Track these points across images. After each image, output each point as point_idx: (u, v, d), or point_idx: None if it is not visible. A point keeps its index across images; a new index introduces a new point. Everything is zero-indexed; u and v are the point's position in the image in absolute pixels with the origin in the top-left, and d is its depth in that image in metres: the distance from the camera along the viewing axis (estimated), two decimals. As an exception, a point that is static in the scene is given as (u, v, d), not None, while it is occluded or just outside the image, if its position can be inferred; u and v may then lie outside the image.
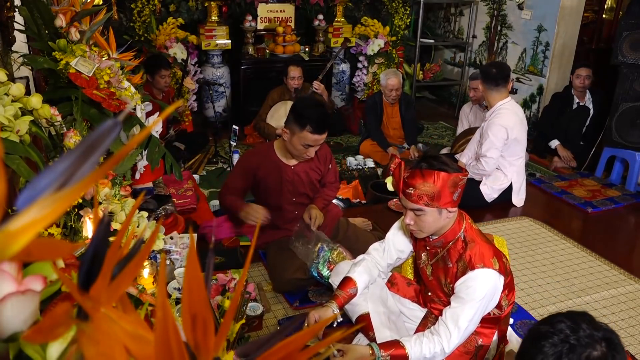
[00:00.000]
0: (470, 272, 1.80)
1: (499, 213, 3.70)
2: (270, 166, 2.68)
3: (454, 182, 1.78)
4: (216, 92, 5.16)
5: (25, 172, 1.16)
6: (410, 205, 1.82)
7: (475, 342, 1.93)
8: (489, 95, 3.60)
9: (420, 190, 1.78)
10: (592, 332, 1.12)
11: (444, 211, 1.82)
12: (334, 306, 2.00)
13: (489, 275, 1.79)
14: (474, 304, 1.77)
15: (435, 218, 1.83)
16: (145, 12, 4.82)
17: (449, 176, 1.76)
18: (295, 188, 2.73)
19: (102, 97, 1.70)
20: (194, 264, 0.39)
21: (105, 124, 0.37)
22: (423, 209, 1.80)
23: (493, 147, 3.55)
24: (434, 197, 1.77)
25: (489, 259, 1.80)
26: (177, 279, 2.32)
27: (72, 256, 0.82)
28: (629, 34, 3.93)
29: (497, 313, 1.91)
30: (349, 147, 5.06)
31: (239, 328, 1.51)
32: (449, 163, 1.82)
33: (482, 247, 1.84)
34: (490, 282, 1.79)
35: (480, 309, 1.80)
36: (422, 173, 1.78)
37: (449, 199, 1.79)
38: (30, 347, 0.51)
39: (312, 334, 0.41)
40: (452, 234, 1.89)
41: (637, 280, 2.92)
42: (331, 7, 5.66)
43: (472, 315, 1.78)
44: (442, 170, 1.77)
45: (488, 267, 1.79)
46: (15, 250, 0.33)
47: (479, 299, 1.77)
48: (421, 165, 1.80)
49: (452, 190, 1.78)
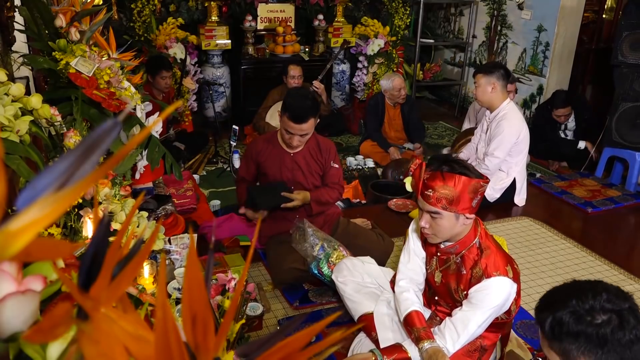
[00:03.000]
0: (486, 280, 1.78)
1: (500, 213, 3.70)
2: (272, 152, 2.77)
3: (475, 188, 1.74)
4: (216, 92, 5.16)
5: (25, 172, 1.16)
6: (428, 208, 1.79)
7: (479, 344, 1.93)
8: (498, 94, 3.57)
9: (439, 193, 1.74)
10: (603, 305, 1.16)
11: (461, 217, 1.78)
12: (433, 343, 1.85)
13: (504, 283, 1.78)
14: (486, 310, 1.78)
15: (452, 223, 1.79)
16: (145, 12, 4.82)
17: (470, 181, 1.73)
18: (294, 176, 2.77)
19: (102, 97, 1.70)
20: (194, 264, 0.39)
21: (105, 124, 0.37)
22: (440, 212, 1.77)
23: (501, 147, 3.55)
24: (452, 201, 1.74)
25: (504, 267, 1.79)
26: (177, 279, 2.32)
27: (72, 256, 0.82)
28: (629, 34, 3.93)
29: (504, 318, 1.90)
30: (349, 147, 5.06)
31: (239, 328, 1.51)
32: (471, 168, 1.79)
33: (497, 255, 1.82)
34: (505, 290, 1.78)
35: (492, 315, 1.80)
36: (443, 176, 1.74)
37: (468, 205, 1.75)
38: (30, 347, 0.51)
39: (312, 334, 0.41)
40: (467, 241, 1.86)
41: (637, 280, 2.92)
42: (331, 7, 5.66)
43: (483, 321, 1.78)
44: (464, 174, 1.73)
45: (504, 275, 1.78)
46: (15, 250, 0.33)
47: (493, 306, 1.77)
48: (442, 168, 1.76)
49: (472, 197, 1.75)
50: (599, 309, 1.15)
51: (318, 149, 2.78)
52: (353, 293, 2.22)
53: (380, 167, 4.42)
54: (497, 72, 3.55)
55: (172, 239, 2.59)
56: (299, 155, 2.77)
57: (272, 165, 2.76)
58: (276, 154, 2.76)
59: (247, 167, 2.84)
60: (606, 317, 1.14)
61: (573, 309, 1.16)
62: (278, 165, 2.75)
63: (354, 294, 2.22)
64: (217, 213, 3.45)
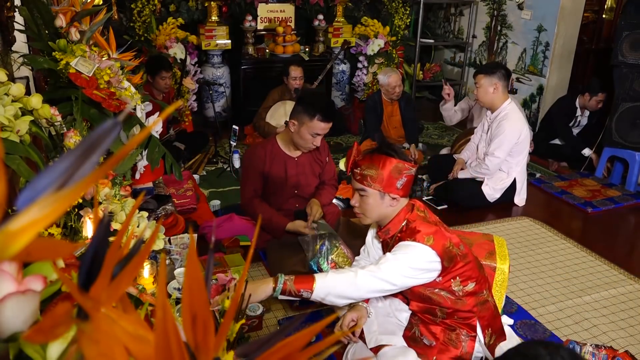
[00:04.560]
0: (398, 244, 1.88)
1: (500, 213, 3.70)
2: (275, 159, 2.74)
3: (398, 169, 1.86)
4: (216, 92, 5.16)
5: (25, 172, 1.16)
6: (356, 185, 1.93)
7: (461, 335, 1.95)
8: (500, 95, 3.57)
9: (365, 171, 1.89)
10: None
11: (387, 197, 1.89)
12: (364, 304, 2.01)
13: (414, 245, 1.83)
14: (396, 261, 1.82)
15: (378, 202, 1.90)
16: (145, 12, 4.82)
17: (394, 161, 1.86)
18: (299, 180, 2.78)
19: (102, 97, 1.70)
20: (194, 264, 0.39)
21: (105, 124, 0.37)
22: (366, 190, 1.90)
23: (502, 147, 3.56)
24: (376, 179, 1.87)
25: (422, 237, 1.84)
26: (177, 279, 2.32)
27: (72, 256, 0.82)
28: (628, 34, 3.93)
29: (452, 297, 1.91)
30: (349, 147, 5.05)
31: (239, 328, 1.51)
32: (399, 152, 1.91)
33: (420, 232, 1.86)
34: (416, 250, 1.82)
35: (402, 268, 1.81)
36: (371, 156, 1.89)
37: (392, 184, 1.87)
38: (30, 347, 0.51)
39: (312, 334, 0.41)
40: (396, 224, 1.94)
41: (637, 280, 2.92)
42: (331, 7, 5.66)
43: (394, 267, 1.81)
44: (390, 155, 1.87)
45: (418, 241, 1.83)
46: (15, 250, 0.33)
47: (403, 260, 1.81)
48: (373, 151, 1.92)
49: (396, 177, 1.87)
50: None
51: (317, 148, 2.78)
52: None
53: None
54: (499, 72, 3.56)
55: (172, 239, 2.59)
56: (303, 157, 2.77)
57: (277, 171, 2.74)
58: (280, 159, 2.74)
59: (259, 180, 2.76)
60: None
61: None
62: (283, 170, 2.74)
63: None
64: (217, 213, 3.45)
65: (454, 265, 1.89)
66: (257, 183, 2.76)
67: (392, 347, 1.91)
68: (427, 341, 1.98)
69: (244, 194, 2.80)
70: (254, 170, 2.75)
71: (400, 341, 1.98)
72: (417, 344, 1.98)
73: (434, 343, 1.96)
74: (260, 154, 2.75)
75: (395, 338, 1.98)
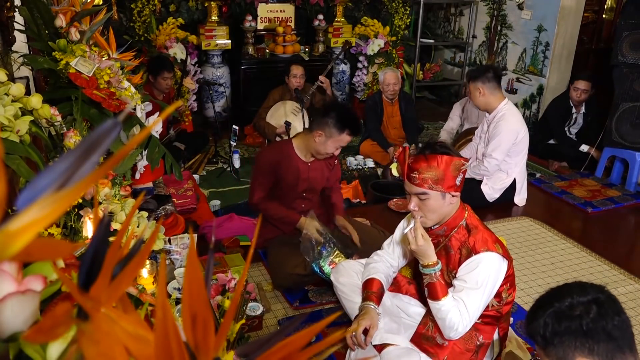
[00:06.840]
0: (475, 256, 1.83)
1: (500, 213, 3.70)
2: (289, 163, 2.75)
3: (456, 166, 1.84)
4: (216, 92, 5.16)
5: (25, 172, 1.16)
6: (415, 190, 1.86)
7: (476, 340, 1.93)
8: (489, 97, 3.58)
9: (424, 174, 1.83)
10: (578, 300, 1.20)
11: (448, 195, 1.86)
12: (372, 304, 1.98)
13: (492, 258, 1.83)
14: (479, 291, 1.80)
15: (440, 203, 1.87)
16: (145, 12, 4.82)
17: (452, 159, 1.83)
18: (310, 184, 2.81)
19: (102, 97, 1.70)
20: (194, 264, 0.39)
21: (105, 124, 0.37)
22: (427, 192, 1.84)
23: (499, 148, 3.55)
24: (437, 180, 1.83)
25: (492, 244, 1.85)
26: (177, 279, 2.32)
27: (72, 256, 0.82)
28: (628, 34, 3.93)
29: (495, 305, 1.91)
30: (349, 147, 5.02)
31: (239, 328, 1.51)
32: (451, 148, 1.89)
33: (485, 233, 1.88)
34: (494, 265, 1.82)
35: (486, 294, 1.82)
36: (426, 157, 1.84)
37: (452, 183, 1.84)
38: (30, 347, 0.51)
39: (312, 334, 0.41)
40: (455, 221, 1.93)
41: (637, 280, 2.92)
42: (331, 7, 5.66)
43: (479, 301, 1.80)
44: (445, 154, 1.83)
45: (492, 251, 1.83)
46: (15, 250, 0.33)
47: (483, 283, 1.80)
48: (425, 151, 1.86)
49: (455, 174, 1.84)
50: (577, 303, 1.18)
51: None
52: (350, 293, 2.24)
53: (380, 167, 4.42)
54: (482, 76, 3.55)
55: (172, 239, 2.59)
56: (316, 162, 2.79)
57: (291, 175, 2.74)
58: (294, 164, 2.74)
59: (269, 180, 2.74)
60: (584, 307, 1.17)
61: (553, 310, 1.20)
62: (295, 174, 2.75)
63: (351, 294, 2.23)
64: (217, 213, 3.45)
65: (508, 270, 1.90)
66: (268, 185, 2.76)
67: (396, 347, 1.90)
68: (440, 340, 1.96)
69: (254, 194, 2.76)
70: (267, 173, 2.73)
71: (405, 342, 1.96)
72: (429, 341, 1.96)
73: (446, 343, 1.94)
74: (275, 159, 2.74)
75: (399, 338, 1.96)
